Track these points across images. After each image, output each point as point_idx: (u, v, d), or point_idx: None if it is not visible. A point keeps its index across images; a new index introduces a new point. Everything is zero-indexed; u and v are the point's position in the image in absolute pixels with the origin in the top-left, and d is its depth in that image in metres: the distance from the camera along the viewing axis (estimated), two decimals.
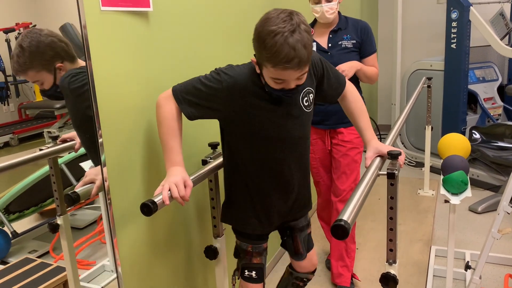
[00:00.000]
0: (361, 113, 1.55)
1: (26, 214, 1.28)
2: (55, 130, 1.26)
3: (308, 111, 1.44)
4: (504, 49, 3.31)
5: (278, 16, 1.20)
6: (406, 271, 2.39)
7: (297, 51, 1.17)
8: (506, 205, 1.96)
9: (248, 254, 1.54)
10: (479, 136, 3.67)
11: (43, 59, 1.20)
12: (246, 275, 1.54)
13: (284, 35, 1.16)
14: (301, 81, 1.28)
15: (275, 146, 1.43)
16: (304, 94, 1.41)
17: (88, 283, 1.43)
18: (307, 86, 1.40)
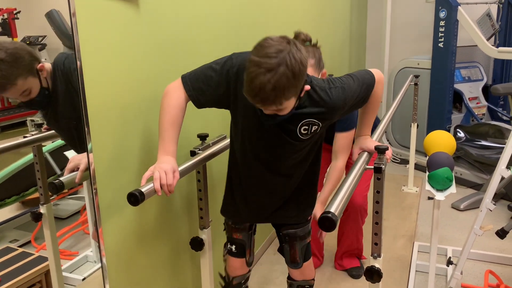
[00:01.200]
0: (369, 110, 1.52)
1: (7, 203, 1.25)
2: (38, 119, 1.24)
3: (305, 138, 1.37)
4: (489, 50, 3.35)
5: (270, 46, 1.15)
6: (389, 266, 2.42)
7: (261, 91, 1.13)
8: (488, 202, 1.99)
9: (229, 229, 1.63)
10: (463, 135, 3.72)
11: (25, 64, 1.16)
12: (228, 248, 1.64)
13: (258, 71, 1.13)
14: (280, 113, 1.23)
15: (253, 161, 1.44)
16: (305, 123, 1.34)
17: (70, 273, 1.42)
18: (311, 117, 1.34)
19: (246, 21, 2.15)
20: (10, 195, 1.25)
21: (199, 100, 1.38)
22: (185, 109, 1.37)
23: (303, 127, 1.35)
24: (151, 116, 1.49)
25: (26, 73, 1.15)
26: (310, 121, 1.34)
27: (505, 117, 4.01)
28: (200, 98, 1.38)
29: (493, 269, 2.41)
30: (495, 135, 3.59)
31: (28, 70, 1.16)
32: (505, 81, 4.13)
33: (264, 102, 1.17)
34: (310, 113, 1.32)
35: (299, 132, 1.35)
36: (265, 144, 1.40)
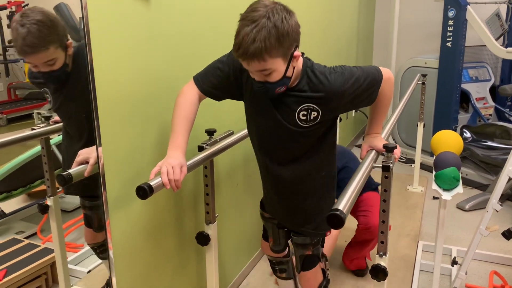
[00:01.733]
0: (377, 109, 1.47)
1: (14, 195, 1.26)
2: (45, 112, 1.24)
3: (303, 125, 1.33)
4: (498, 50, 3.33)
5: (258, 2, 1.18)
6: (394, 265, 2.41)
7: (243, 43, 1.15)
8: (495, 203, 1.98)
9: (261, 215, 1.72)
10: (469, 135, 3.70)
11: (60, 34, 1.19)
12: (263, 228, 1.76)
13: (243, 24, 1.16)
14: (269, 78, 1.23)
15: (262, 143, 1.45)
16: (303, 108, 1.32)
17: (76, 266, 1.43)
18: (309, 102, 1.31)
19: None
20: (16, 187, 1.25)
21: (214, 93, 1.41)
22: (197, 105, 1.38)
23: (302, 112, 1.32)
24: (161, 111, 1.49)
25: (58, 42, 1.17)
26: (309, 106, 1.31)
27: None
28: (213, 92, 1.40)
29: (498, 270, 2.40)
30: (502, 136, 3.57)
31: (60, 40, 1.18)
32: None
33: (245, 56, 1.16)
34: (309, 97, 1.30)
35: (298, 118, 1.33)
36: (265, 130, 1.40)
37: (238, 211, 2.21)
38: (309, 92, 1.30)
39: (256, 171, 2.33)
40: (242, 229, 2.27)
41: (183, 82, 1.59)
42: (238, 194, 2.18)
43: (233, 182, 2.11)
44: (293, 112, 1.33)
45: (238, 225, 2.23)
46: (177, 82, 1.57)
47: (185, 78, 1.61)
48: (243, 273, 2.33)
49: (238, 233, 2.23)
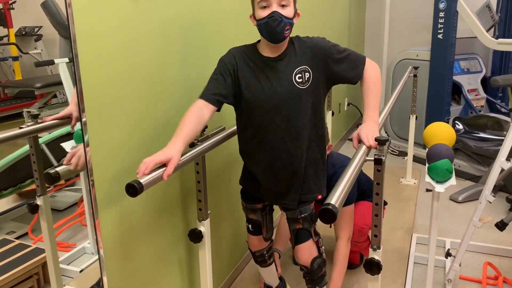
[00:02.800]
0: (369, 92, 1.58)
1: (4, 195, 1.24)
2: (35, 110, 1.22)
3: (301, 87, 1.51)
4: (489, 41, 3.33)
5: None
6: (388, 258, 2.42)
7: None
8: (488, 194, 1.98)
9: (245, 210, 1.79)
10: (462, 127, 3.72)
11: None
12: (247, 226, 1.82)
13: None
14: (284, 9, 1.43)
15: (266, 115, 1.53)
16: (298, 72, 1.51)
17: (68, 265, 1.41)
18: (301, 65, 1.51)
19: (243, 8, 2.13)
20: (6, 186, 1.23)
21: (221, 100, 1.52)
22: (200, 113, 1.46)
23: (297, 75, 1.51)
24: (150, 107, 1.48)
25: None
26: (302, 68, 1.51)
27: (504, 109, 4.01)
28: (219, 99, 1.51)
29: (492, 260, 2.41)
30: (494, 127, 3.58)
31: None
32: (504, 73, 4.12)
33: None
34: (298, 61, 1.51)
35: (295, 81, 1.50)
36: (273, 103, 1.52)
37: (231, 207, 2.20)
38: (298, 57, 1.51)
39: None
40: (235, 225, 2.27)
41: (171, 78, 1.58)
42: (231, 190, 2.17)
43: (225, 178, 2.10)
44: (290, 78, 1.50)
45: (231, 221, 2.22)
46: (165, 78, 1.55)
47: (173, 75, 1.59)
48: (238, 269, 2.33)
49: (231, 229, 2.22)
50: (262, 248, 1.85)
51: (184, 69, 1.66)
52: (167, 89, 1.56)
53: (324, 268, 1.77)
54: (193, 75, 1.73)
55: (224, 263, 2.18)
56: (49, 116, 1.25)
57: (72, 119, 1.26)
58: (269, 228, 1.81)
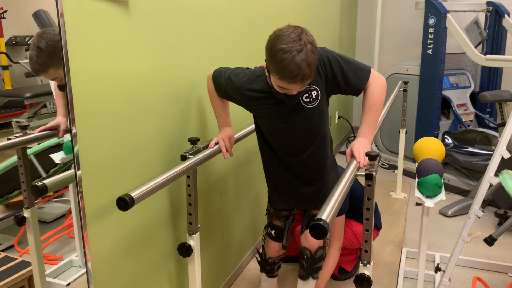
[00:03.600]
0: (368, 110, 1.58)
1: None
2: (24, 120, 1.21)
3: (309, 106, 1.57)
4: (477, 57, 3.38)
5: (289, 34, 1.36)
6: (378, 272, 2.41)
7: (301, 69, 1.34)
8: (477, 209, 1.99)
9: (270, 215, 1.87)
10: (451, 141, 3.75)
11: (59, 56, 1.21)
12: (268, 232, 1.89)
13: (292, 54, 1.33)
14: (303, 89, 1.46)
15: (282, 138, 1.66)
16: (304, 92, 1.53)
17: (54, 279, 1.39)
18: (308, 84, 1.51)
19: (237, 24, 2.14)
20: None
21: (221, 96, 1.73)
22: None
23: (304, 95, 1.55)
24: (141, 118, 1.47)
25: (59, 64, 1.21)
26: (308, 88, 1.54)
27: (492, 124, 4.05)
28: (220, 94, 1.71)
29: (481, 275, 2.42)
30: (483, 142, 3.62)
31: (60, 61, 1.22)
32: (492, 88, 4.18)
33: (303, 80, 1.37)
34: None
35: (303, 101, 1.56)
36: (284, 121, 1.61)
37: (221, 221, 2.18)
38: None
39: (240, 181, 2.33)
40: (225, 239, 2.25)
41: (163, 87, 1.58)
42: (222, 203, 2.16)
43: (216, 191, 2.09)
44: (297, 100, 1.54)
45: (221, 235, 2.20)
46: (157, 90, 1.55)
47: (165, 87, 1.59)
48: (227, 283, 2.30)
49: (221, 243, 2.20)
50: (278, 255, 1.92)
51: (175, 79, 1.66)
52: (159, 100, 1.56)
53: (322, 262, 1.87)
54: (185, 87, 1.72)
55: (213, 277, 2.16)
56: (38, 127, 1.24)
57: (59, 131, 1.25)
58: (288, 236, 1.90)
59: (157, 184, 1.29)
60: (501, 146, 1.97)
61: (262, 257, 1.94)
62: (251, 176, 2.49)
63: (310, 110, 1.57)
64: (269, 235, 1.88)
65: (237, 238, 2.40)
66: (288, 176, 1.74)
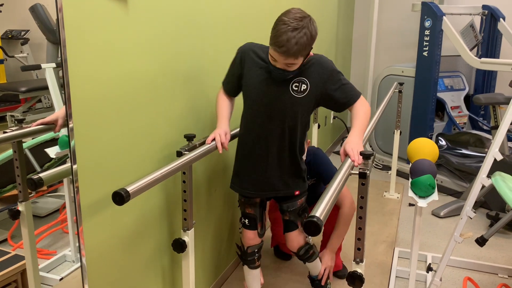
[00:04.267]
0: (357, 117, 1.70)
1: None
2: (19, 114, 1.21)
3: (296, 96, 1.68)
4: (472, 60, 3.41)
5: (295, 13, 1.52)
6: (370, 271, 2.43)
7: (288, 43, 1.48)
8: (469, 210, 2.01)
9: (242, 204, 1.91)
10: (444, 143, 3.78)
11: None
12: (242, 221, 1.92)
13: (287, 28, 1.48)
14: (289, 68, 1.58)
15: (258, 112, 1.73)
16: (296, 81, 1.67)
17: (48, 273, 1.39)
18: (301, 76, 1.67)
19: (233, 23, 2.15)
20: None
21: (236, 90, 1.82)
22: (229, 99, 1.84)
23: (294, 84, 1.67)
24: (137, 114, 1.47)
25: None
26: (301, 79, 1.67)
27: (486, 126, 4.09)
28: (235, 90, 1.82)
29: (472, 276, 2.45)
30: (476, 144, 3.65)
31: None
32: (486, 91, 4.21)
33: (286, 54, 1.51)
34: (301, 73, 1.66)
35: (291, 89, 1.67)
36: (268, 96, 1.70)
37: (216, 217, 2.19)
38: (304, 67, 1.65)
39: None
40: (219, 235, 2.26)
41: (160, 84, 1.58)
42: (216, 200, 2.17)
43: (210, 187, 2.09)
44: (288, 83, 1.67)
45: (216, 232, 2.21)
46: (154, 85, 1.55)
47: (163, 80, 1.60)
48: (220, 280, 2.31)
49: (215, 240, 2.21)
50: (255, 244, 1.92)
51: (173, 76, 1.66)
52: (156, 96, 1.56)
53: (312, 250, 1.95)
54: (182, 81, 1.73)
55: (207, 274, 2.17)
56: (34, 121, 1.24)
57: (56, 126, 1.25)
58: (263, 224, 1.94)
59: (153, 179, 1.29)
60: (494, 147, 1.99)
61: (241, 250, 1.96)
62: None
63: (294, 98, 1.68)
64: (243, 224, 1.91)
65: (231, 235, 2.40)
66: (258, 161, 1.79)
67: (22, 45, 1.23)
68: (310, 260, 1.99)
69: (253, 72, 1.71)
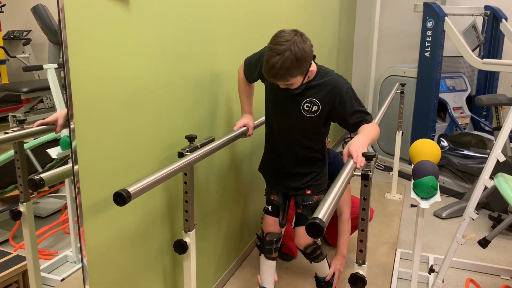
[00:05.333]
0: (364, 128, 1.72)
1: None
2: (21, 115, 1.21)
3: (306, 115, 1.78)
4: (474, 61, 3.40)
5: (282, 36, 1.57)
6: (372, 273, 2.42)
7: (272, 69, 1.57)
8: (471, 211, 2.01)
9: (269, 192, 2.04)
10: (446, 144, 3.77)
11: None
12: (265, 208, 2.03)
13: (271, 54, 1.56)
14: (292, 87, 1.69)
15: (274, 123, 1.89)
16: (308, 102, 1.77)
17: (49, 274, 1.39)
18: (312, 97, 1.76)
19: (235, 25, 2.14)
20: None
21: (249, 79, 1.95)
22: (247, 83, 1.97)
23: (305, 104, 1.77)
24: (139, 114, 1.47)
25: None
26: (311, 100, 1.76)
27: (488, 127, 4.08)
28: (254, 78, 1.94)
29: (474, 277, 2.44)
30: (478, 145, 3.64)
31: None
32: (489, 92, 4.20)
33: (274, 78, 1.61)
34: (312, 93, 1.76)
35: (302, 109, 1.78)
36: (280, 111, 1.85)
37: (217, 219, 2.19)
38: (317, 88, 1.75)
39: (236, 180, 2.33)
40: (221, 236, 2.25)
41: (162, 85, 1.58)
42: (218, 202, 2.16)
43: (213, 189, 2.09)
44: (299, 104, 1.78)
45: (217, 233, 2.20)
46: (155, 86, 1.55)
47: (164, 82, 1.59)
48: (222, 281, 2.31)
49: (216, 240, 2.21)
50: (275, 232, 1.99)
51: (175, 76, 1.66)
52: (157, 97, 1.56)
53: (319, 250, 1.99)
54: (183, 82, 1.73)
55: (208, 275, 2.16)
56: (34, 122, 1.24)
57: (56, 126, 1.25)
58: (285, 215, 2.03)
59: (154, 180, 1.29)
60: (497, 149, 1.98)
61: (260, 238, 2.02)
62: (248, 175, 2.50)
63: (305, 117, 1.79)
64: (266, 210, 2.01)
65: (233, 237, 2.40)
66: (275, 158, 1.96)
67: (24, 46, 1.23)
68: (316, 260, 2.01)
69: (269, 83, 1.82)
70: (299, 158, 1.90)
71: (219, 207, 2.19)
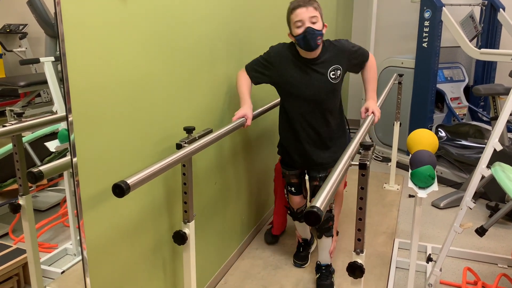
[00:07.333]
0: (369, 79, 2.13)
1: None
2: (18, 109, 1.21)
3: (334, 82, 2.01)
4: (472, 51, 3.40)
5: None
6: (370, 262, 2.44)
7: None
8: (469, 200, 2.02)
9: (287, 176, 2.26)
10: (444, 134, 3.78)
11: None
12: (288, 189, 2.29)
13: None
14: (315, 25, 1.87)
15: (302, 103, 2.03)
16: (332, 69, 1.99)
17: (49, 266, 1.40)
18: (334, 64, 1.99)
19: (234, 17, 2.14)
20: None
21: (260, 81, 2.06)
22: (249, 80, 2.04)
23: (331, 72, 1.99)
24: (137, 107, 1.47)
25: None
26: (335, 67, 2.00)
27: (485, 117, 4.08)
28: (258, 80, 2.06)
29: (471, 266, 2.46)
30: (475, 135, 3.65)
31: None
32: (486, 82, 4.20)
33: (306, 4, 1.84)
34: (332, 61, 1.99)
35: (329, 77, 1.99)
36: (306, 87, 2.00)
37: (216, 210, 2.20)
38: (332, 55, 1.99)
39: (235, 171, 2.34)
40: (220, 227, 2.26)
41: (159, 79, 1.58)
42: (216, 193, 2.17)
43: (211, 180, 2.10)
44: (326, 73, 1.99)
45: (216, 224, 2.22)
46: (153, 78, 1.55)
47: (161, 75, 1.59)
48: (221, 272, 2.32)
49: (215, 231, 2.22)
50: (302, 206, 2.31)
51: (172, 69, 1.66)
52: (155, 89, 1.56)
53: (332, 222, 2.19)
54: (181, 75, 1.73)
55: (208, 265, 2.18)
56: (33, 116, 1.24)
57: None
58: (305, 188, 2.31)
59: (152, 171, 1.29)
60: (494, 138, 1.99)
61: (291, 210, 2.33)
62: (246, 166, 2.50)
63: (333, 84, 2.01)
64: (290, 192, 2.27)
65: (232, 227, 2.41)
66: (299, 141, 2.11)
67: (21, 39, 1.23)
68: (327, 234, 2.19)
69: (292, 70, 1.98)
70: (330, 126, 2.10)
71: (218, 198, 2.20)
